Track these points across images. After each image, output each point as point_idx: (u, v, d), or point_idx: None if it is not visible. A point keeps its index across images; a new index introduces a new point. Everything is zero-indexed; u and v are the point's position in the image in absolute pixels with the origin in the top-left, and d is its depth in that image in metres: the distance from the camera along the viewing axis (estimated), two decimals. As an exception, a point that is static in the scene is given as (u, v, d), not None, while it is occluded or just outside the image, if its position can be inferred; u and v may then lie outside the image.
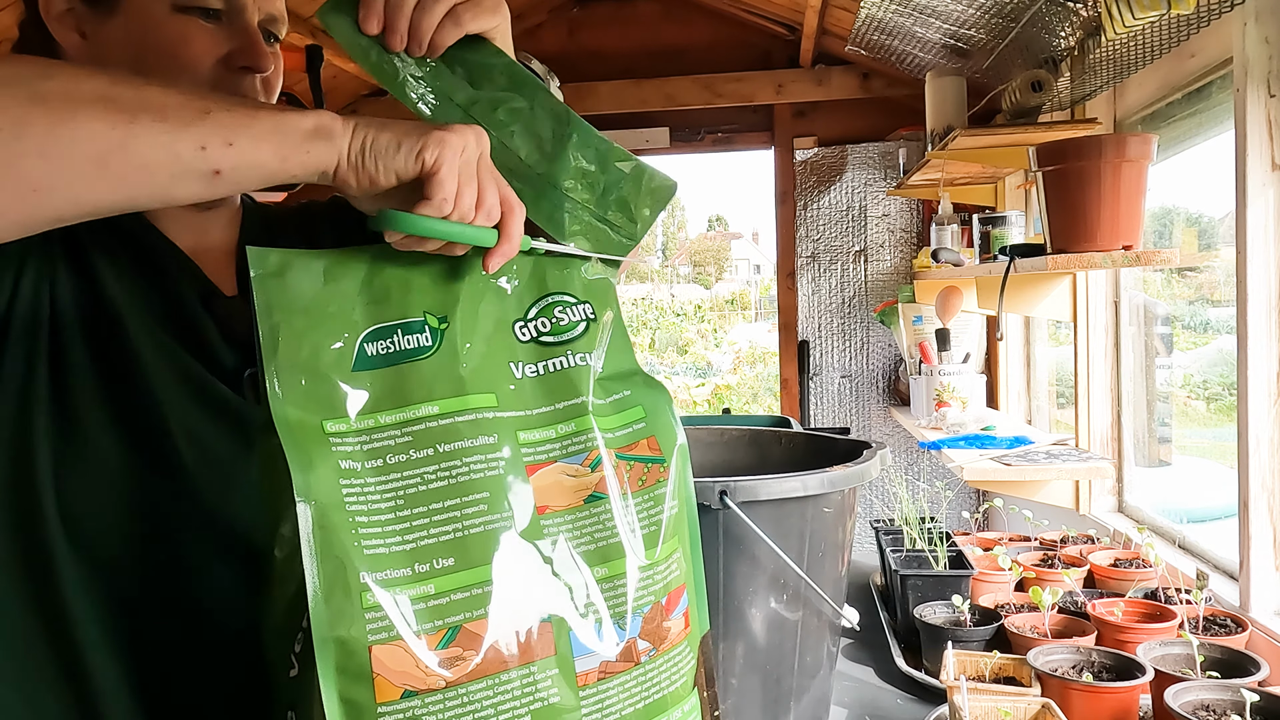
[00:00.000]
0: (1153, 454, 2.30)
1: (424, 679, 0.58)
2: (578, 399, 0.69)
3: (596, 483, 0.67)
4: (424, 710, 0.58)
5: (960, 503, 3.36)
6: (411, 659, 0.58)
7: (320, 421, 0.61)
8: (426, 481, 0.62)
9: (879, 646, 1.58)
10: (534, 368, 0.69)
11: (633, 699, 0.64)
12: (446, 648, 0.59)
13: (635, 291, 23.03)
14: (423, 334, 0.66)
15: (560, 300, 0.71)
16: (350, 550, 0.58)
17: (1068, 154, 1.69)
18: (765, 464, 1.37)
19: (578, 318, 0.71)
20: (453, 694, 0.58)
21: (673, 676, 0.67)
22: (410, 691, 0.58)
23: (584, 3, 3.79)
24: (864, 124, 3.65)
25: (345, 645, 0.57)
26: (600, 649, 0.63)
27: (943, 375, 2.84)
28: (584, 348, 0.71)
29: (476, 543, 0.61)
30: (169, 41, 0.75)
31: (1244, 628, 1.37)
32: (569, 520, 0.65)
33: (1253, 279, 1.51)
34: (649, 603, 0.66)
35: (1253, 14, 1.50)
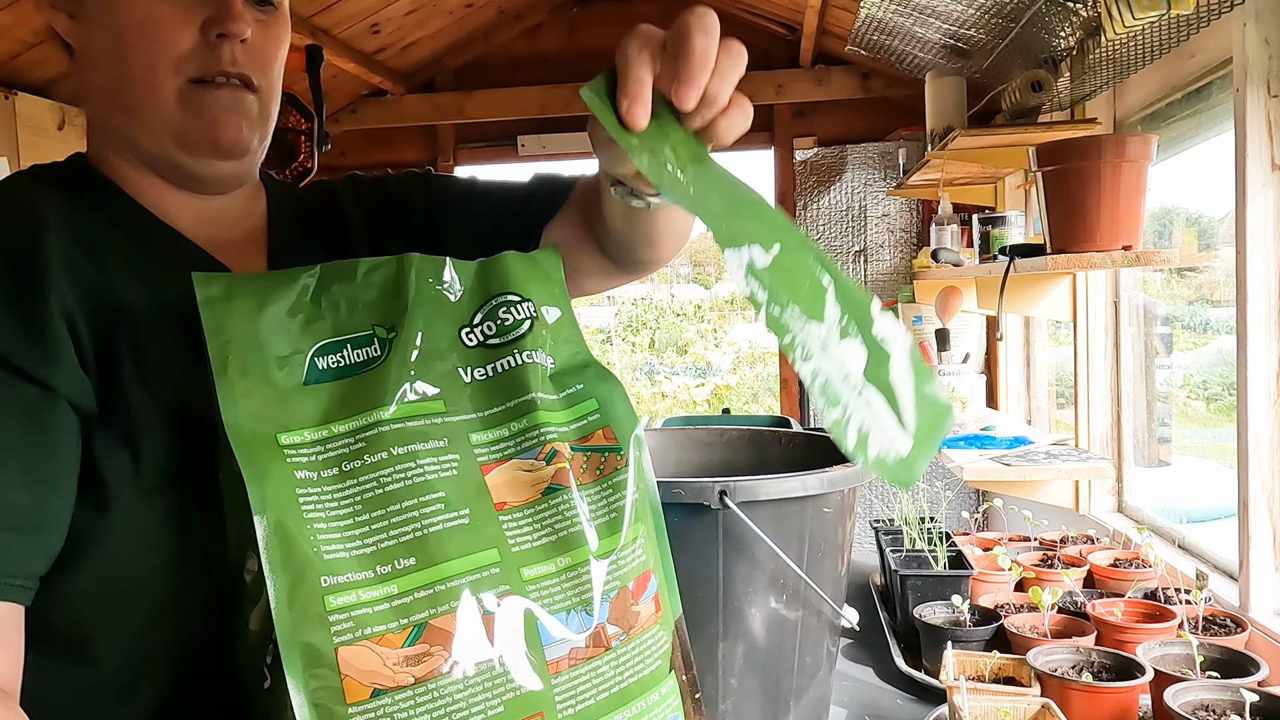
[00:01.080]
0: (1152, 454, 2.30)
1: (392, 677, 0.59)
2: (527, 396, 0.70)
3: (553, 474, 0.68)
4: (394, 707, 0.58)
5: (960, 503, 3.36)
6: (378, 658, 0.59)
7: (274, 434, 0.63)
8: (383, 485, 0.63)
9: (879, 646, 1.58)
10: (482, 370, 0.70)
11: (606, 683, 0.65)
12: (413, 645, 0.60)
13: (635, 291, 23.04)
14: (371, 346, 0.68)
15: (504, 300, 0.73)
16: (310, 556, 0.59)
17: (1068, 154, 1.69)
18: (765, 464, 1.37)
19: (522, 316, 0.72)
20: (422, 690, 0.59)
21: (647, 660, 0.68)
22: (380, 690, 0.58)
23: (584, 3, 3.79)
24: (864, 124, 3.66)
25: (311, 649, 0.58)
26: (568, 636, 0.64)
27: (942, 375, 2.84)
28: (530, 345, 0.72)
29: (436, 541, 0.62)
30: (140, 17, 0.73)
31: (1244, 628, 1.37)
32: (528, 514, 0.66)
33: (1252, 279, 1.51)
34: (615, 588, 0.67)
35: (1253, 14, 1.50)
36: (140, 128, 0.75)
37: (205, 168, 0.77)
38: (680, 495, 1.01)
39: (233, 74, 0.75)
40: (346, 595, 0.59)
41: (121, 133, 0.77)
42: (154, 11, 0.73)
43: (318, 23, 2.97)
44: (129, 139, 0.77)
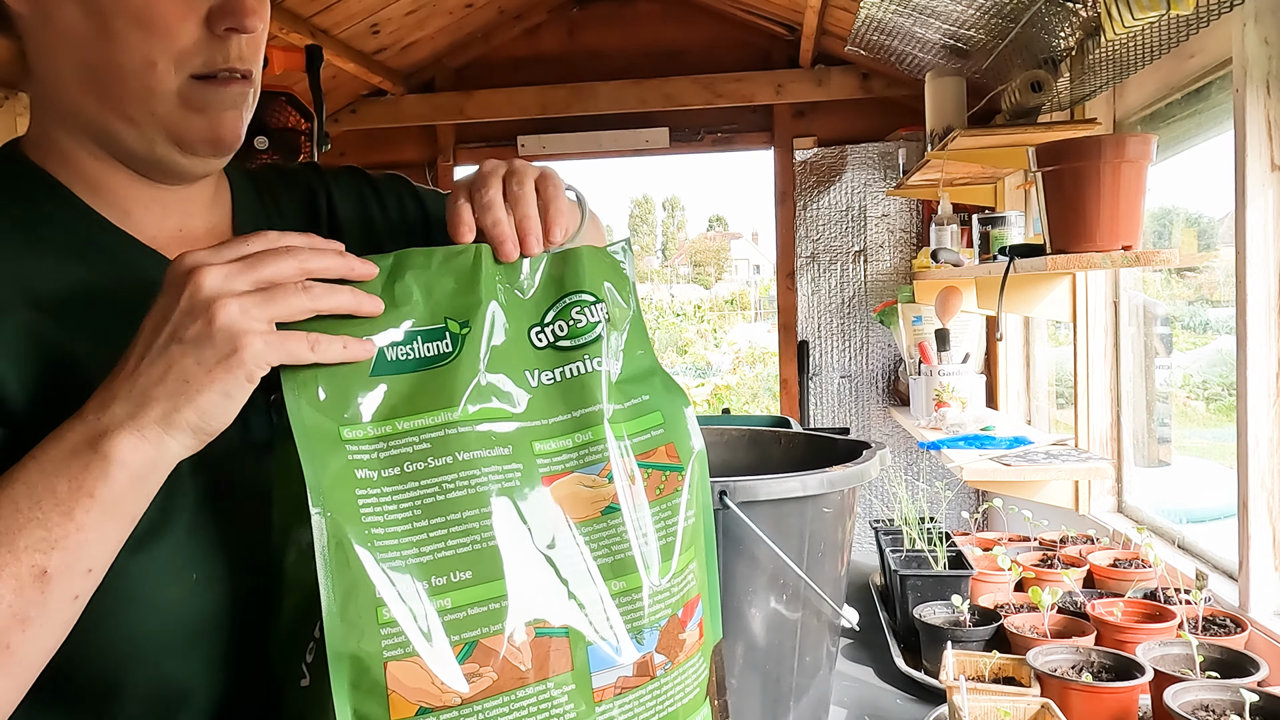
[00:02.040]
0: (1152, 454, 2.30)
1: (439, 696, 0.57)
2: (594, 406, 0.66)
3: (613, 494, 0.65)
4: None
5: (960, 503, 3.37)
6: (427, 676, 0.57)
7: (337, 428, 0.59)
8: (444, 491, 0.60)
9: (878, 646, 1.58)
10: (550, 375, 0.66)
11: (648, 713, 0.63)
12: (463, 663, 0.58)
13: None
14: (443, 340, 0.63)
15: (578, 299, 0.68)
16: (366, 564, 0.57)
17: (1067, 154, 1.69)
18: (765, 464, 1.37)
19: (595, 318, 0.68)
20: (468, 710, 0.57)
21: (687, 688, 0.66)
22: (425, 709, 0.56)
23: (584, 3, 3.79)
24: (864, 124, 3.66)
25: (360, 661, 0.56)
26: (617, 664, 0.62)
27: (942, 375, 2.84)
28: (600, 351, 0.68)
29: (493, 556, 0.59)
30: (136, 8, 0.66)
31: (1243, 628, 1.37)
32: (586, 532, 0.63)
33: (1252, 279, 1.52)
34: (665, 616, 0.65)
35: (1252, 14, 1.50)
36: (125, 122, 0.69)
37: (198, 165, 0.72)
38: (680, 495, 1.01)
39: (237, 69, 0.70)
40: (400, 608, 0.57)
41: (93, 124, 0.70)
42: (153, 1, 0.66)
43: (318, 23, 2.97)
44: (103, 131, 0.70)
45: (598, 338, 0.68)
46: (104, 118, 0.69)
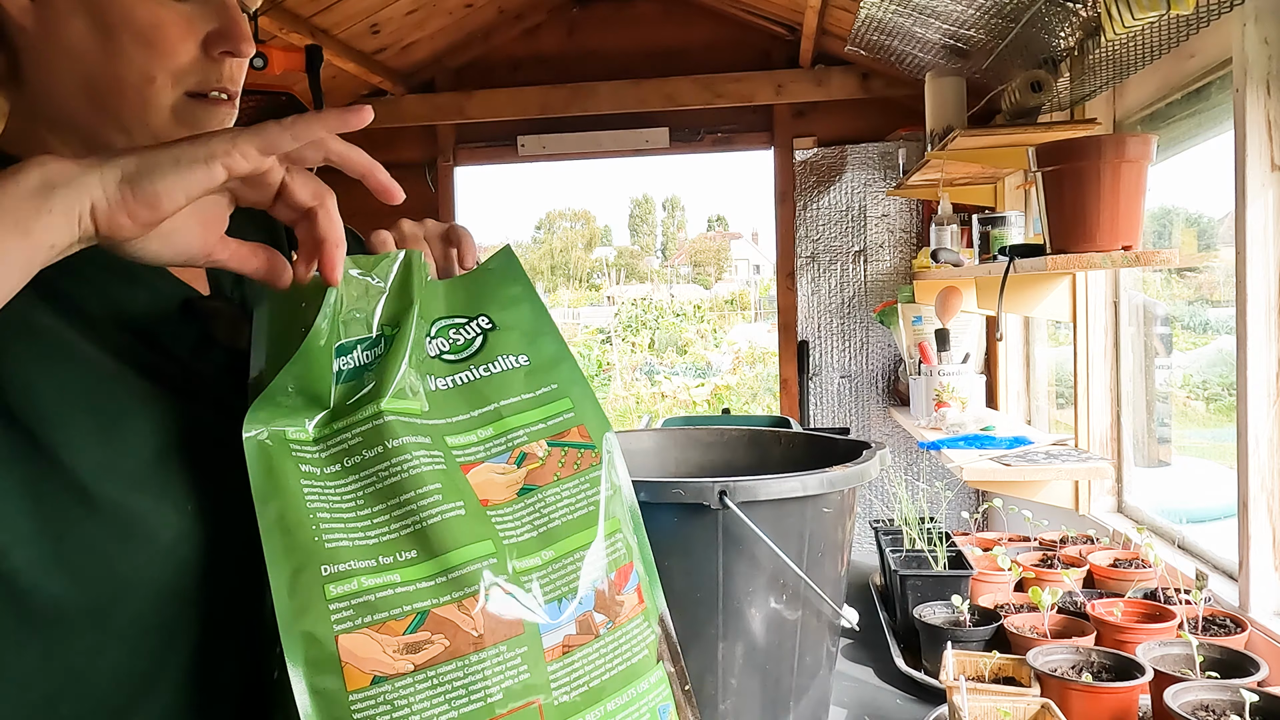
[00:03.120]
0: (1152, 454, 2.30)
1: (392, 664, 0.59)
2: (488, 406, 0.71)
3: (524, 476, 0.70)
4: (395, 694, 0.59)
5: (960, 503, 3.37)
6: (378, 646, 0.60)
7: (283, 431, 0.64)
8: (381, 479, 0.64)
9: (878, 646, 1.58)
10: (444, 381, 0.72)
11: (598, 670, 0.67)
12: (414, 632, 0.60)
13: (635, 291, 23.05)
14: (379, 346, 0.69)
15: (450, 323, 0.74)
16: (312, 545, 0.60)
17: (1067, 154, 1.69)
18: (765, 464, 1.37)
19: (472, 334, 0.74)
20: (422, 676, 0.60)
21: (634, 647, 0.69)
22: (380, 677, 0.59)
23: (584, 3, 3.79)
24: (864, 124, 3.66)
25: (312, 636, 0.59)
26: (559, 623, 0.66)
27: (942, 375, 2.84)
28: (487, 358, 0.73)
29: (435, 532, 0.63)
30: (142, 22, 0.70)
31: (1243, 628, 1.37)
32: (509, 513, 0.68)
33: (1252, 279, 1.52)
34: (599, 578, 0.69)
35: (1252, 14, 1.50)
36: (119, 132, 0.72)
37: None
38: (680, 495, 1.01)
39: (228, 90, 0.75)
40: (347, 584, 0.60)
41: (87, 131, 0.73)
42: (158, 17, 0.70)
43: (318, 23, 2.98)
44: (97, 139, 0.73)
45: (479, 349, 0.74)
46: (99, 126, 0.73)
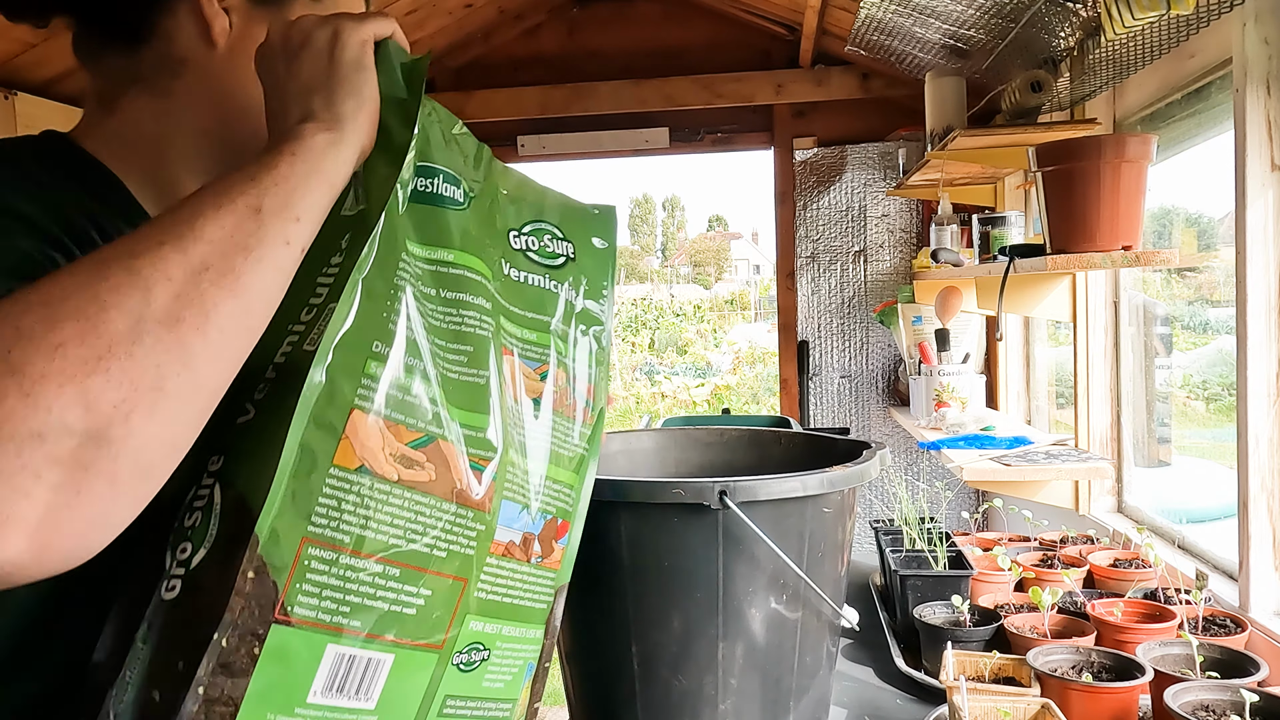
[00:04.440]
0: (1152, 454, 2.30)
1: (382, 464, 0.59)
2: (544, 317, 0.74)
3: (541, 390, 0.72)
4: (368, 492, 0.58)
5: (960, 503, 3.36)
6: (380, 441, 0.59)
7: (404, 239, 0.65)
8: (441, 319, 0.65)
9: (879, 646, 1.58)
10: (518, 273, 0.74)
11: (514, 592, 0.68)
12: (415, 449, 0.61)
13: (635, 291, 23.06)
14: (459, 189, 0.69)
15: (547, 229, 0.77)
16: (380, 318, 0.60)
17: (1067, 154, 1.69)
18: (765, 464, 1.37)
19: (560, 252, 0.77)
20: (398, 493, 0.60)
21: (538, 596, 0.71)
22: (365, 469, 0.58)
23: (584, 3, 3.79)
24: (863, 124, 3.66)
25: (333, 392, 0.57)
26: (515, 527, 0.68)
27: (942, 375, 2.84)
28: (561, 278, 0.76)
29: (463, 388, 0.64)
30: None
31: (1243, 628, 1.37)
32: (519, 412, 0.71)
33: (1252, 279, 1.52)
34: (551, 511, 0.71)
35: (1252, 14, 1.50)
36: (236, 153, 0.77)
37: None
38: (680, 495, 1.01)
39: None
40: (386, 371, 0.60)
41: (218, 152, 0.78)
42: None
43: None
44: (222, 162, 0.77)
45: (560, 267, 0.76)
46: (232, 150, 0.77)
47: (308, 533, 0.56)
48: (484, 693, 0.68)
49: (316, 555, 0.57)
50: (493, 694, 0.68)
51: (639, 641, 1.07)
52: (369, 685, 0.60)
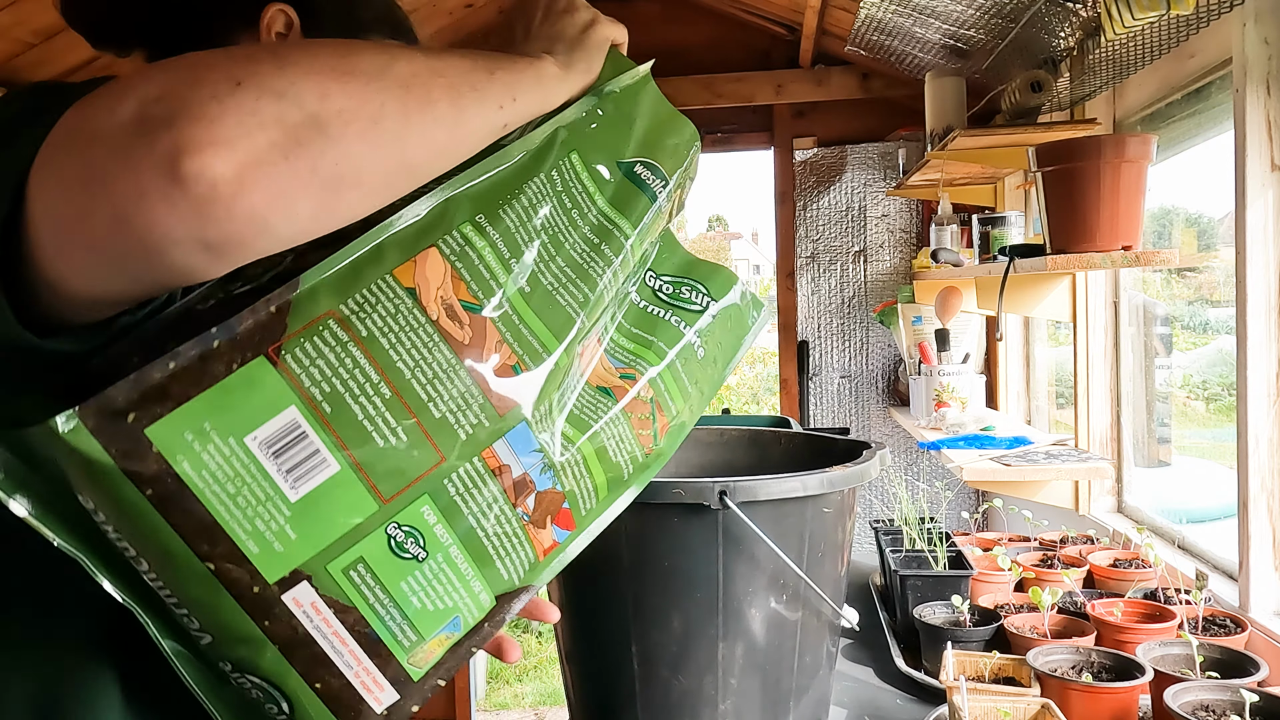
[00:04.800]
0: (1152, 454, 2.30)
1: (430, 298, 0.61)
2: (651, 339, 0.78)
3: (616, 385, 0.75)
4: (404, 310, 0.60)
5: (960, 503, 3.36)
6: (438, 281, 0.61)
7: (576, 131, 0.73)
8: (574, 246, 0.70)
9: (879, 646, 1.58)
10: (639, 299, 0.79)
11: (483, 519, 0.65)
12: (464, 310, 0.62)
13: (635, 291, 23.00)
14: (662, 190, 0.77)
15: (694, 286, 0.83)
16: (497, 191, 0.65)
17: (1067, 154, 1.69)
18: (765, 464, 1.37)
19: (697, 304, 0.82)
20: (429, 330, 0.60)
21: (508, 551, 0.67)
22: (414, 292, 0.60)
23: (584, 3, 3.79)
24: (863, 124, 3.66)
25: (429, 226, 0.62)
26: (520, 459, 0.66)
27: (942, 375, 2.84)
28: (687, 320, 0.81)
29: (556, 311, 0.67)
30: None
31: (1243, 628, 1.37)
32: (586, 390, 0.74)
33: (1252, 279, 1.52)
34: (564, 486, 0.70)
35: (1252, 14, 1.50)
36: None
37: None
38: (680, 495, 1.01)
39: None
40: (474, 236, 0.63)
41: None
42: None
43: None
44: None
45: (689, 313, 0.82)
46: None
47: (337, 308, 0.58)
48: (396, 596, 0.61)
49: (332, 331, 0.57)
50: (401, 605, 0.62)
51: (639, 641, 1.07)
52: (303, 476, 0.57)
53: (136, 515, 0.54)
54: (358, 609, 0.59)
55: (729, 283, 0.85)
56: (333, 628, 0.59)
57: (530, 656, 4.89)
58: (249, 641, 0.58)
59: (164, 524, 0.54)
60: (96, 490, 0.53)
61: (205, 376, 0.54)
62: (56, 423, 0.52)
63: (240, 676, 0.60)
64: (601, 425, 0.74)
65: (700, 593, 1.04)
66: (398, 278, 0.60)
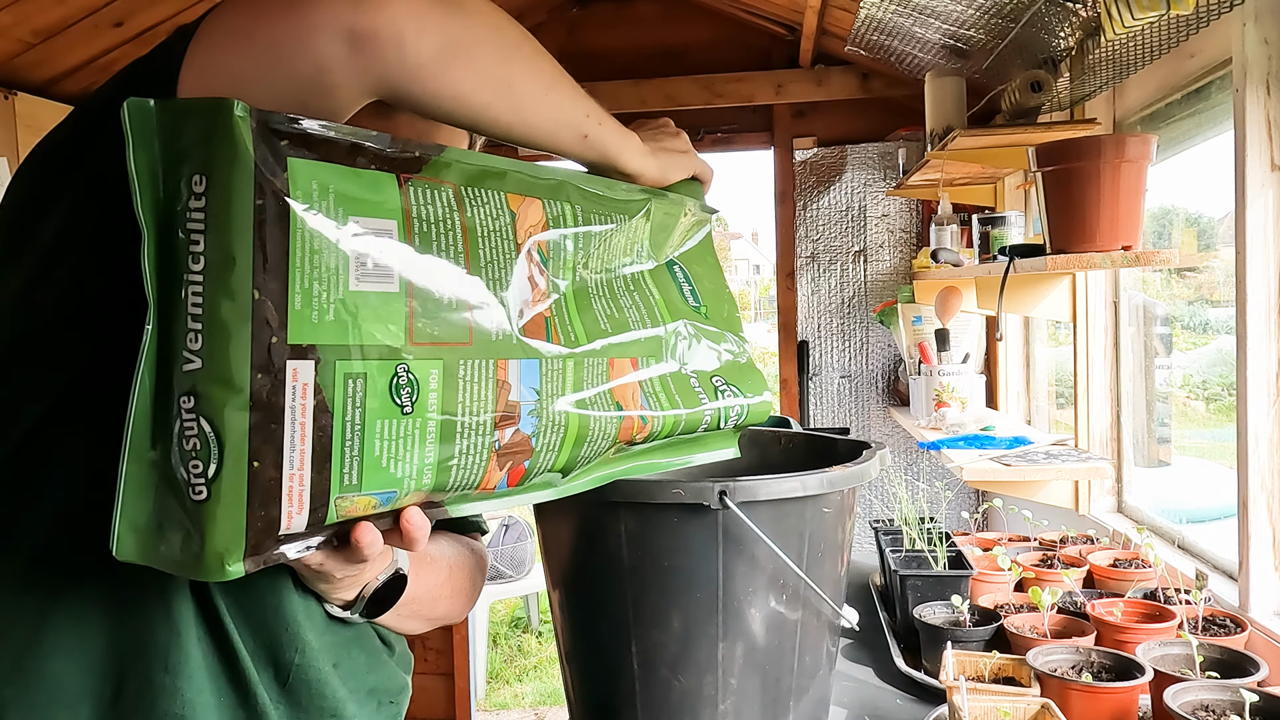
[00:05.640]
0: (1152, 454, 2.30)
1: (520, 231, 0.73)
2: (679, 400, 0.89)
3: (629, 411, 0.82)
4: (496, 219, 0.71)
5: (960, 503, 3.36)
6: (533, 223, 0.74)
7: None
8: (615, 275, 0.86)
9: (878, 646, 1.58)
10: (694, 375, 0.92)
11: (464, 404, 0.68)
12: (538, 256, 0.74)
13: (635, 291, 23.00)
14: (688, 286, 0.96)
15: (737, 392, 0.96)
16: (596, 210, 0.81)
17: (1067, 154, 1.69)
18: (765, 464, 1.37)
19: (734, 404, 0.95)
20: (510, 252, 0.72)
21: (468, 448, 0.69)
22: (514, 217, 0.73)
23: (584, 3, 3.79)
24: (863, 124, 3.65)
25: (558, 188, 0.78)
26: (521, 379, 0.71)
27: (942, 375, 2.84)
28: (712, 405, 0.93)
29: (591, 320, 0.81)
30: None
31: (1243, 628, 1.37)
32: (605, 394, 0.81)
33: (1252, 279, 1.51)
34: (540, 448, 0.74)
35: (1252, 14, 1.50)
36: None
37: None
38: (680, 495, 1.01)
39: None
40: (571, 218, 0.78)
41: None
42: None
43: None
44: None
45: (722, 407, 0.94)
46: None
47: (459, 186, 0.70)
48: (367, 430, 0.63)
49: (448, 196, 0.68)
50: (366, 443, 0.63)
51: (639, 641, 1.07)
52: (367, 275, 0.63)
53: (235, 214, 0.58)
54: (334, 417, 0.61)
55: (759, 391, 0.98)
56: (303, 420, 0.60)
57: (530, 656, 4.89)
58: (230, 385, 0.58)
59: (250, 236, 0.58)
60: (220, 174, 0.58)
61: (351, 157, 0.63)
62: (234, 103, 0.57)
63: (191, 420, 0.59)
64: (595, 422, 0.78)
65: (700, 593, 1.04)
66: (508, 199, 0.72)
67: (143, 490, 0.60)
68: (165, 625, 0.73)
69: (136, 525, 0.60)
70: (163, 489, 0.60)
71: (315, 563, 0.70)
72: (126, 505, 0.60)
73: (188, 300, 0.58)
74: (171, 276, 0.59)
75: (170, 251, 0.59)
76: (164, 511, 0.60)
